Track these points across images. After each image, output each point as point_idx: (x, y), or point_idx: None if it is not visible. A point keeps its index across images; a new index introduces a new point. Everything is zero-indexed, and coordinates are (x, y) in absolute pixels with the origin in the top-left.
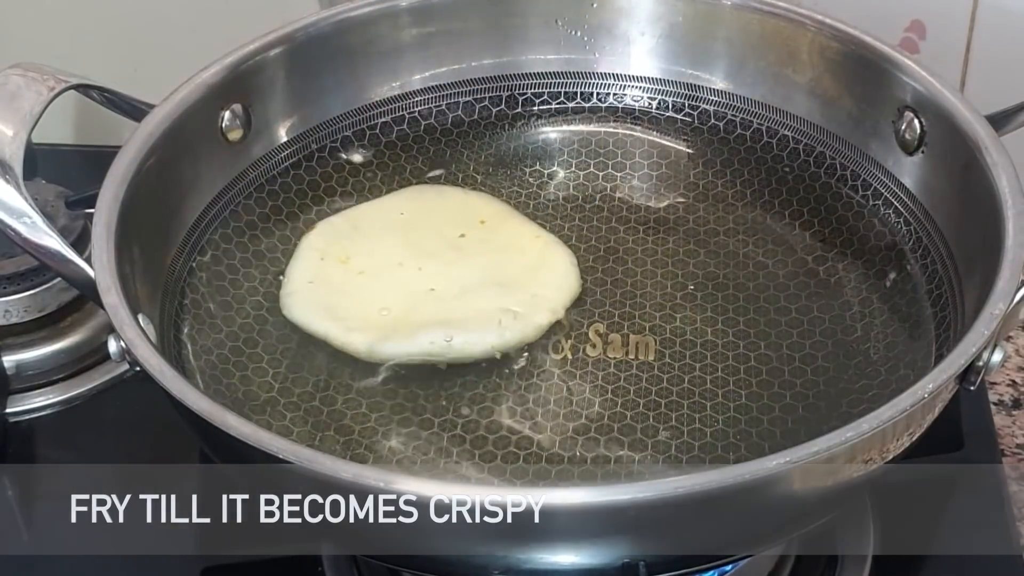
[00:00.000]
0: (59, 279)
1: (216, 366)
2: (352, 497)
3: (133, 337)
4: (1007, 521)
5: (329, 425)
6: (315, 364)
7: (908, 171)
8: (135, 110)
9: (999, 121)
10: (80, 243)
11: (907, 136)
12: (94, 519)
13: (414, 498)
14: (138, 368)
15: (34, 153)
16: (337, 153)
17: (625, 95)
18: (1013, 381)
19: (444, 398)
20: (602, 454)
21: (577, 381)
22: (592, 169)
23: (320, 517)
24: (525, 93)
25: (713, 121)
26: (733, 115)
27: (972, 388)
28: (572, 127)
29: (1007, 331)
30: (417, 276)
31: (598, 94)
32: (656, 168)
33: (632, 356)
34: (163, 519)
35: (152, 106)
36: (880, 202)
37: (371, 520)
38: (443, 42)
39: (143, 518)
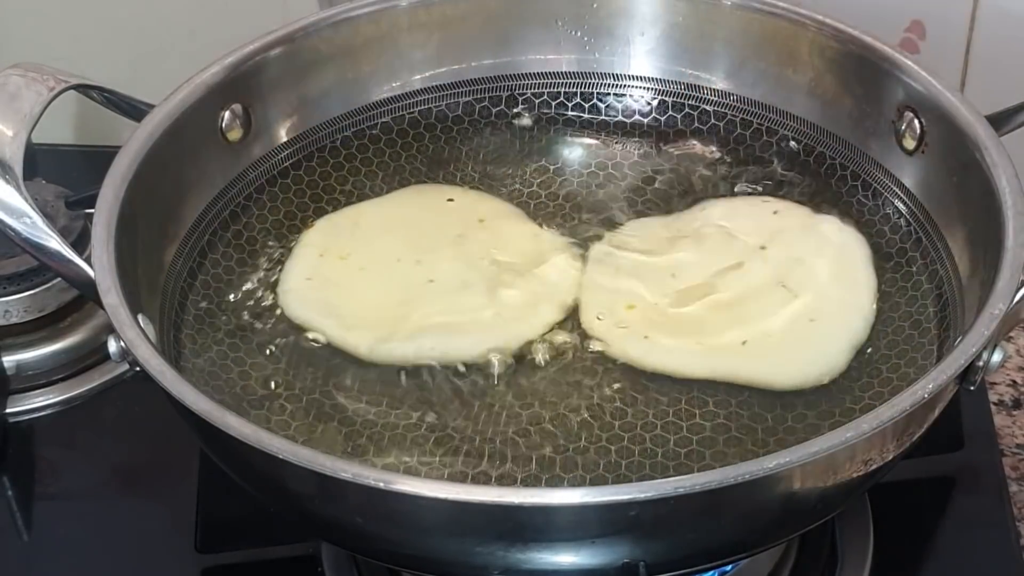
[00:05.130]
0: (59, 279)
1: (215, 365)
2: (351, 497)
3: (133, 337)
4: (1007, 521)
5: (328, 421)
6: (314, 362)
7: (908, 171)
8: (135, 110)
9: (999, 121)
10: (80, 243)
11: (907, 136)
12: (94, 518)
13: (414, 498)
14: (138, 368)
15: (34, 153)
16: (337, 153)
17: (625, 95)
18: (1013, 381)
19: (442, 395)
20: (603, 452)
21: (577, 380)
22: (592, 168)
23: (319, 516)
24: (525, 93)
25: (713, 121)
26: (733, 115)
27: (972, 388)
28: (572, 126)
29: (1007, 331)
30: (417, 274)
31: (598, 94)
32: (656, 168)
33: None
34: (163, 519)
35: (152, 106)
36: (880, 202)
37: (371, 520)
38: (443, 42)
39: (143, 518)
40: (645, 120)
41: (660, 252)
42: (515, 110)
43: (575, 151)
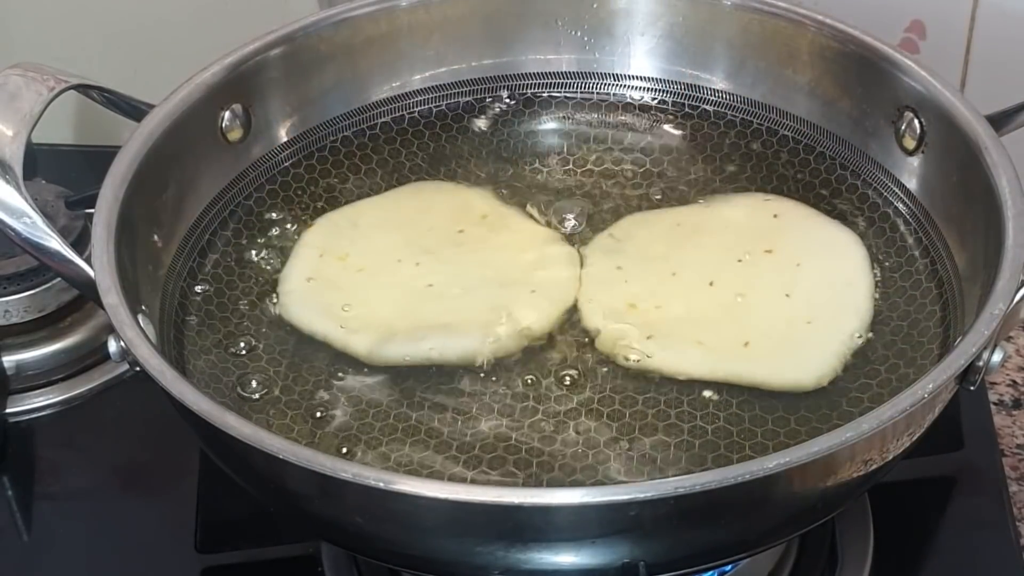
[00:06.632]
0: (59, 279)
1: (216, 365)
2: (351, 497)
3: (133, 337)
4: (1007, 521)
5: (328, 423)
6: (314, 362)
7: (908, 171)
8: (135, 110)
9: (999, 121)
10: (80, 243)
11: (907, 136)
12: (94, 518)
13: (414, 498)
14: (138, 368)
15: (34, 153)
16: (337, 153)
17: (625, 95)
18: (1013, 381)
19: (443, 395)
20: (603, 452)
21: (578, 380)
22: (592, 168)
23: (319, 516)
24: (525, 93)
25: (713, 121)
26: (733, 115)
27: (972, 388)
28: (572, 127)
29: (1007, 331)
30: (416, 274)
31: (598, 94)
32: (656, 167)
33: None
34: (163, 519)
35: (152, 106)
36: (880, 202)
37: (371, 520)
38: (443, 42)
39: (143, 518)
40: (645, 120)
41: (661, 252)
42: (515, 110)
43: (575, 151)
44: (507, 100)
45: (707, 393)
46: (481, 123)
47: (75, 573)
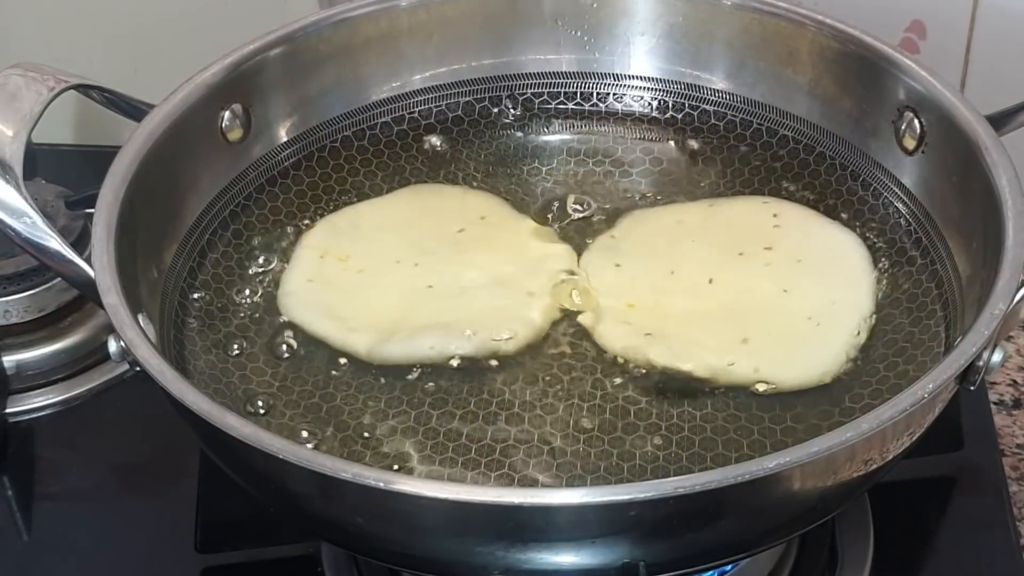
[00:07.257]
0: (59, 279)
1: (216, 365)
2: (351, 497)
3: (133, 337)
4: (1007, 521)
5: (327, 422)
6: (314, 362)
7: (908, 171)
8: (135, 110)
9: (999, 121)
10: (80, 243)
11: (907, 136)
12: (94, 518)
13: (414, 498)
14: (138, 368)
15: (34, 153)
16: (337, 153)
17: (625, 95)
18: (1013, 381)
19: (442, 395)
20: (603, 451)
21: (577, 379)
22: (592, 168)
23: (319, 516)
24: (525, 93)
25: (713, 121)
26: (733, 115)
27: (972, 388)
28: (572, 126)
29: (1007, 331)
30: (416, 274)
31: (598, 94)
32: (656, 167)
33: None
34: (163, 519)
35: (152, 106)
36: (880, 202)
37: (371, 520)
38: (443, 42)
39: (143, 518)
40: (645, 120)
41: (660, 251)
42: (515, 110)
43: (575, 151)
44: (507, 100)
45: (707, 391)
46: (481, 124)
47: (75, 573)
